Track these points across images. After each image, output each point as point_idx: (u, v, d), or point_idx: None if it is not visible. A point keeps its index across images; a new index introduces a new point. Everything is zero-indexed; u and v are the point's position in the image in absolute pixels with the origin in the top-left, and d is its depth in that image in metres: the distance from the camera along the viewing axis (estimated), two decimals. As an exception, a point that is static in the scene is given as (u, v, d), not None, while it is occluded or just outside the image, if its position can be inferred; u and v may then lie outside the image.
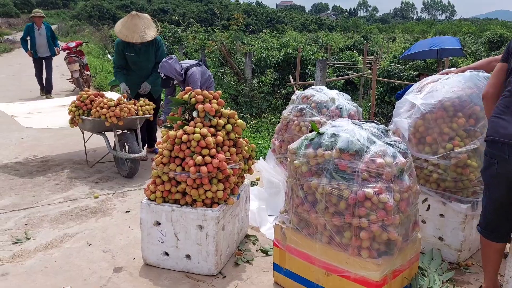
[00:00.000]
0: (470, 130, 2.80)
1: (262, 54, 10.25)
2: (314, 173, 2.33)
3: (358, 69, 14.26)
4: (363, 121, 2.49)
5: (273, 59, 10.11)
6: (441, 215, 2.93)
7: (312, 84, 7.39)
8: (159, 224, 2.69)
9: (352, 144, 2.24)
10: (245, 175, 3.15)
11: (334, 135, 2.33)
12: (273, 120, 7.94)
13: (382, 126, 2.45)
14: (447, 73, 3.01)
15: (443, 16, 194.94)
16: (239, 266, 2.85)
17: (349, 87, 15.22)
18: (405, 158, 2.27)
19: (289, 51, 10.16)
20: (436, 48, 7.84)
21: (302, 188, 2.38)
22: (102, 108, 4.21)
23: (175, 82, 4.70)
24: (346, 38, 31.16)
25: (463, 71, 2.94)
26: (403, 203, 2.21)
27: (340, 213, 2.22)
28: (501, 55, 3.01)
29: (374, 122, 2.48)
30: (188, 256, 2.70)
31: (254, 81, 9.71)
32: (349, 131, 2.32)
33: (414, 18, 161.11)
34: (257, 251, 3.08)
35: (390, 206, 2.11)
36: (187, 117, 2.76)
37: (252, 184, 4.37)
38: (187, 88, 2.83)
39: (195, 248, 2.67)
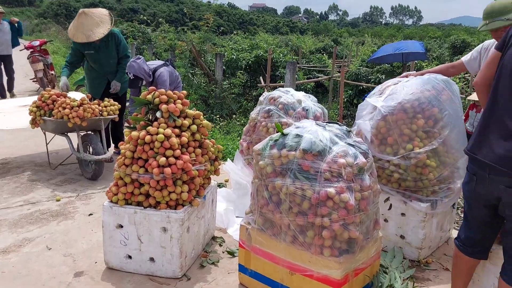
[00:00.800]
0: (429, 131, 2.89)
1: (233, 56, 10.23)
2: (278, 174, 2.35)
3: (328, 72, 14.47)
4: (326, 122, 2.53)
5: (244, 61, 10.11)
6: (402, 214, 3.01)
7: (282, 86, 7.45)
8: (122, 226, 2.64)
9: (315, 144, 2.27)
10: (212, 176, 3.14)
11: (298, 136, 2.36)
12: (243, 121, 7.94)
13: (345, 127, 2.49)
14: (407, 76, 3.10)
15: (410, 21, 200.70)
16: (204, 268, 2.84)
17: (319, 90, 15.43)
18: (365, 158, 2.32)
19: (260, 53, 10.20)
20: (401, 52, 8.06)
21: (267, 188, 2.39)
22: (64, 108, 4.09)
23: (144, 83, 4.63)
24: (317, 41, 31.55)
25: (422, 74, 3.03)
26: (364, 202, 2.25)
27: (304, 213, 2.24)
28: (458, 61, 3.14)
29: (337, 123, 2.52)
30: (151, 259, 2.66)
31: (225, 83, 9.68)
32: (313, 132, 2.35)
33: (383, 22, 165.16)
34: (223, 252, 3.07)
35: (351, 205, 2.15)
36: (150, 117, 2.72)
37: (221, 185, 4.35)
38: (150, 88, 2.80)
39: (159, 251, 2.63)
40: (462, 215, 2.35)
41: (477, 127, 2.07)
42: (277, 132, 2.48)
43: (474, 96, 4.81)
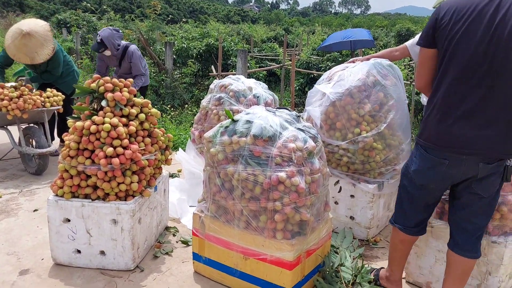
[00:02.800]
0: (375, 115, 3.00)
1: (183, 44, 10.03)
2: (230, 160, 2.35)
3: (279, 60, 14.57)
4: (276, 108, 2.55)
5: (194, 50, 9.95)
6: (352, 196, 3.12)
7: (234, 75, 7.42)
8: (69, 221, 2.54)
9: (265, 130, 2.29)
10: (163, 166, 3.08)
11: (248, 122, 2.36)
12: (195, 111, 7.85)
13: (294, 113, 2.53)
14: (354, 62, 3.18)
15: (358, 11, 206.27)
16: (158, 258, 2.80)
17: (272, 78, 15.53)
18: (315, 142, 2.37)
19: (211, 41, 10.08)
20: (349, 39, 8.26)
21: (219, 175, 2.39)
22: (2, 100, 3.84)
23: (106, 52, 4.59)
24: (268, 30, 31.65)
25: (368, 59, 3.13)
26: (314, 185, 2.30)
27: (256, 198, 2.26)
28: (402, 45, 3.24)
29: (286, 109, 2.55)
30: (102, 252, 2.59)
31: (176, 72, 9.49)
32: (263, 117, 2.37)
33: (332, 12, 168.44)
34: (177, 242, 3.04)
35: (302, 188, 2.20)
36: (95, 106, 2.62)
37: (174, 175, 4.30)
38: (95, 76, 2.68)
39: (109, 244, 2.56)
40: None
41: (435, 121, 1.96)
42: (227, 119, 2.47)
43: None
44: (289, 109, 2.56)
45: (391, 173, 3.14)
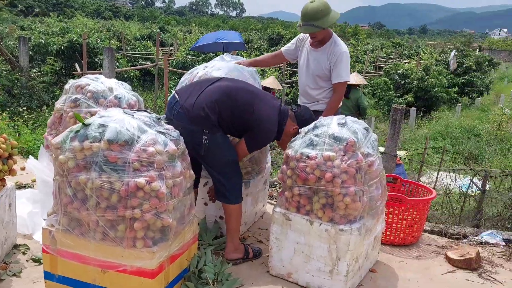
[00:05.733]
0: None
1: (41, 40, 9.05)
2: (82, 168, 2.16)
3: (154, 59, 14.19)
4: (134, 110, 2.44)
5: (54, 46, 9.05)
6: (219, 196, 3.14)
7: (101, 74, 6.96)
8: None
9: (121, 134, 2.16)
10: (6, 177, 2.72)
11: (102, 125, 2.21)
12: (57, 113, 7.17)
13: (154, 115, 2.44)
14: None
15: (234, 13, 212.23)
16: (3, 281, 2.46)
17: (147, 78, 15.08)
18: (176, 146, 2.32)
19: (74, 37, 9.28)
20: (221, 41, 8.41)
21: (70, 185, 2.18)
22: None
23: None
24: (143, 28, 30.59)
25: (250, 64, 3.35)
26: (176, 189, 2.25)
27: (113, 207, 2.12)
28: (278, 51, 3.56)
29: (146, 111, 2.45)
30: None
31: (34, 70, 8.54)
32: (119, 121, 2.23)
33: (209, 13, 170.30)
34: (27, 261, 2.72)
35: (162, 193, 2.13)
36: None
37: (27, 186, 3.86)
38: None
39: None
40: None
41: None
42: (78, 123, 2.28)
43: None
44: (149, 111, 2.47)
45: (257, 172, 3.26)
